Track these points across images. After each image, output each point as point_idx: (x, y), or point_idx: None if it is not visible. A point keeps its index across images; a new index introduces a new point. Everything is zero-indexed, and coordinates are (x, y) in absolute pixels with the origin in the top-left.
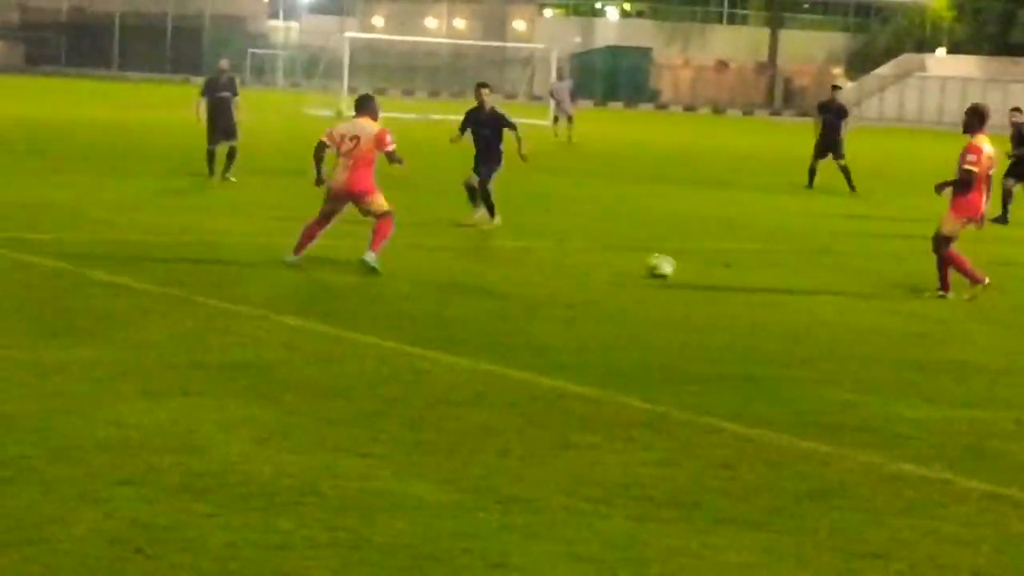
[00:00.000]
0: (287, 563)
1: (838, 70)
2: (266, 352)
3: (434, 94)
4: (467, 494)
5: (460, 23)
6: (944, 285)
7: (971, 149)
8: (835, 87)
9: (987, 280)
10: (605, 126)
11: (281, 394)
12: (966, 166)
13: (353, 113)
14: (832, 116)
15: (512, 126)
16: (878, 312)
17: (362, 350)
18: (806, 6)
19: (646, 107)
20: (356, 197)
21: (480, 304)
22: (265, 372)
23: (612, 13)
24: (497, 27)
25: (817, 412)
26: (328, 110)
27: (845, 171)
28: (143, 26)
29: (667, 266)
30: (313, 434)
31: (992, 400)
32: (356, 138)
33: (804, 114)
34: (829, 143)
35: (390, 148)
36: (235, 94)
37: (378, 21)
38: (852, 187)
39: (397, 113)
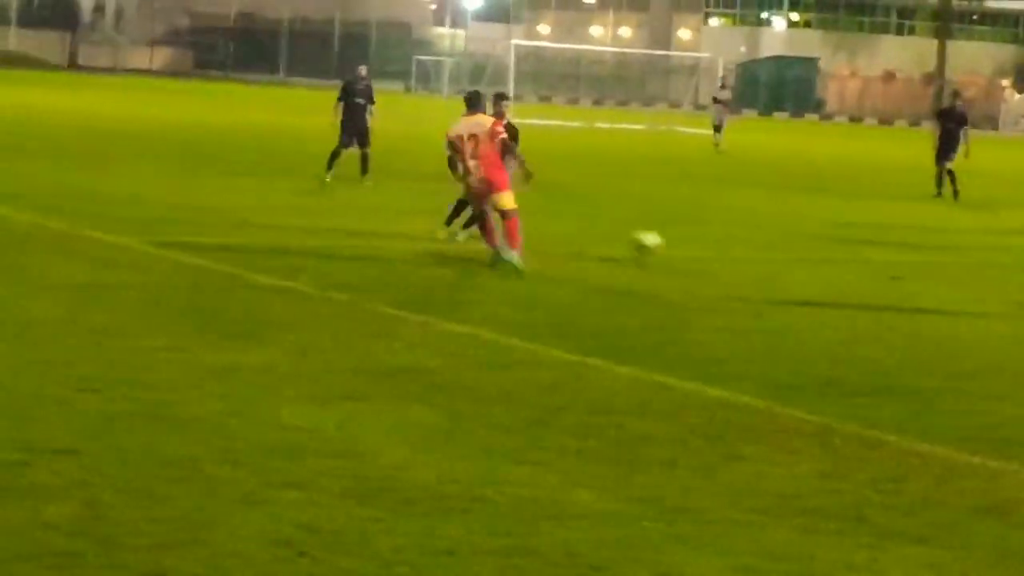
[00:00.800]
0: (452, 569)
1: (1007, 81)
2: (429, 358)
3: (598, 103)
4: (632, 504)
5: (625, 31)
6: None
7: None
8: (956, 93)
9: None
10: (769, 136)
11: (445, 400)
12: None
13: (485, 113)
14: (952, 124)
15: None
16: None
17: (525, 357)
18: (975, 17)
19: (811, 117)
20: (490, 192)
21: (643, 313)
22: (429, 377)
23: (778, 22)
24: (662, 36)
25: (985, 427)
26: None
27: (951, 175)
28: (310, 32)
29: (651, 240)
30: (477, 440)
31: None
32: (474, 136)
33: (973, 126)
34: (947, 150)
35: (502, 137)
36: (371, 102)
37: (544, 29)
38: (956, 192)
39: (561, 121)
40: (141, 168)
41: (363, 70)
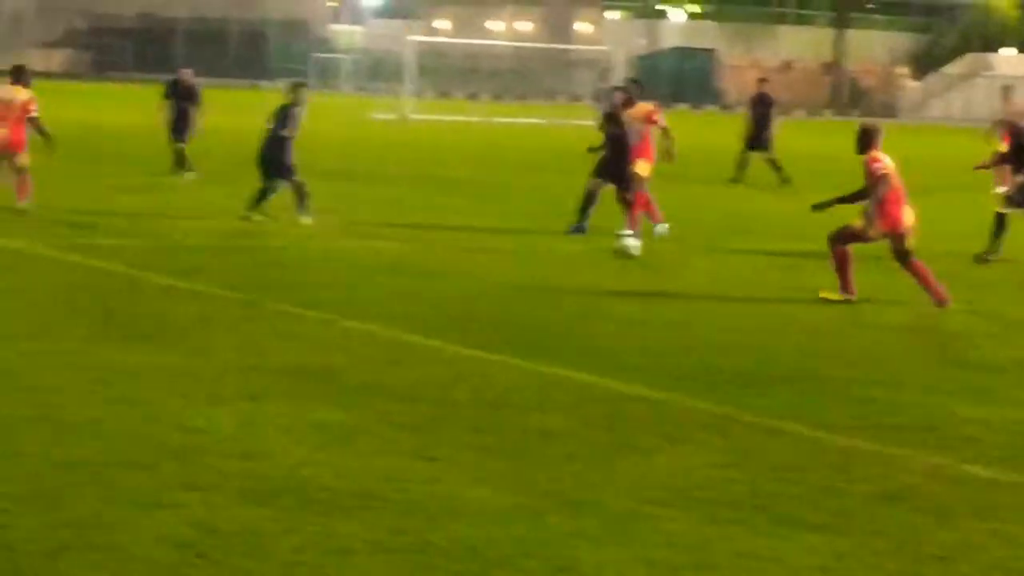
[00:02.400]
0: (351, 568)
1: (903, 70)
2: (331, 356)
3: (498, 97)
4: (532, 498)
5: (524, 25)
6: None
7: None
8: (761, 80)
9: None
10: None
11: (344, 398)
12: None
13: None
14: (763, 109)
15: None
16: (931, 314)
17: (426, 354)
18: (871, 6)
19: (711, 108)
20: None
21: (542, 306)
22: (330, 376)
23: (677, 15)
24: (561, 29)
25: (880, 413)
26: (394, 114)
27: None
28: (207, 31)
29: (632, 241)
30: (377, 438)
31: None
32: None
33: (870, 114)
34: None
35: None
36: (192, 102)
37: (443, 24)
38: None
39: (462, 116)
40: (34, 170)
41: (187, 72)
